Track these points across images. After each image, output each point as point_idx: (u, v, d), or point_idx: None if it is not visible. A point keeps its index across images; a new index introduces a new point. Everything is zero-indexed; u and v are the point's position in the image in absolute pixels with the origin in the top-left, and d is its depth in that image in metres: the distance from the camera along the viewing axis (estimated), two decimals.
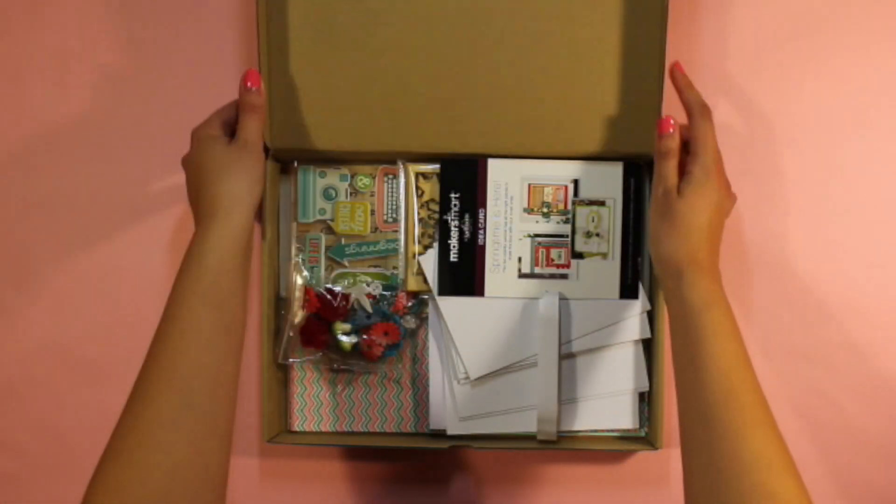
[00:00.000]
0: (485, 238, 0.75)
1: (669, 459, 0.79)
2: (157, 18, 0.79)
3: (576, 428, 0.76)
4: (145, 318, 0.79)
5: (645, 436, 0.77)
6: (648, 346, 0.76)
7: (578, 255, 0.75)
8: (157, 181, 0.80)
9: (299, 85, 0.73)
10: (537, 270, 0.75)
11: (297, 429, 0.78)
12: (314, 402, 0.78)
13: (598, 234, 0.75)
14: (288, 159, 0.77)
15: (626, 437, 0.77)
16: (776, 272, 0.79)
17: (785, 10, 0.78)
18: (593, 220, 0.75)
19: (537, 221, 0.76)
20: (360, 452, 0.79)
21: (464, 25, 0.72)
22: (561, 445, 0.75)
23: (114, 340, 0.80)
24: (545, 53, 0.72)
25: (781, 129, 0.79)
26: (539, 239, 0.76)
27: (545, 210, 0.75)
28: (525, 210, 0.75)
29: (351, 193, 0.77)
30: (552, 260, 0.75)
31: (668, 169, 0.66)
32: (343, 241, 0.77)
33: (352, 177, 0.77)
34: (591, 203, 0.75)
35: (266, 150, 0.74)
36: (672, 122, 0.66)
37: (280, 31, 0.72)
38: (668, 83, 0.70)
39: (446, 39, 0.72)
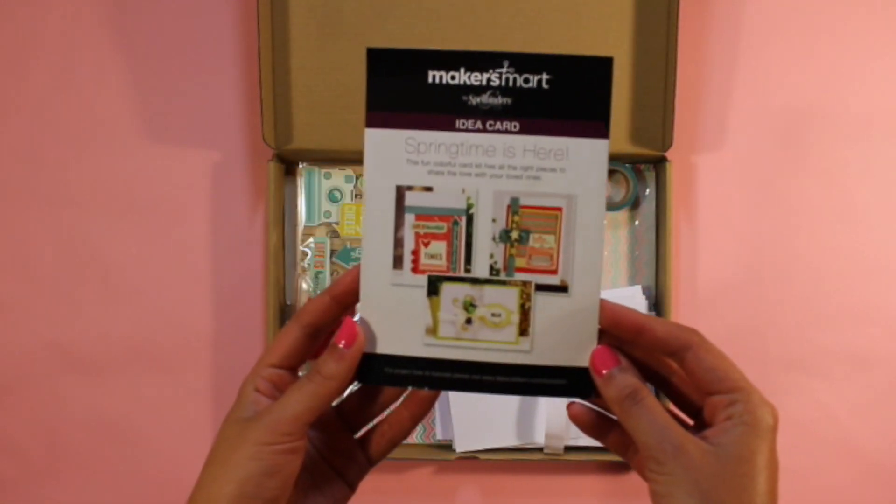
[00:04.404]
0: None
1: None
2: (158, 13, 0.77)
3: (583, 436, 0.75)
4: (145, 319, 0.76)
5: None
6: None
7: None
8: (160, 179, 0.77)
9: (302, 82, 0.70)
10: None
11: None
12: None
13: None
14: (292, 160, 0.74)
15: None
16: (774, 279, 0.78)
17: (793, 10, 0.78)
18: None
19: None
20: None
21: (470, 21, 0.70)
22: (568, 457, 0.73)
23: (114, 340, 0.77)
24: (552, 49, 0.71)
25: (783, 131, 0.78)
26: None
27: None
28: None
29: (356, 195, 0.75)
30: None
31: (653, 416, 0.40)
32: (349, 245, 0.74)
33: (357, 178, 0.75)
34: None
35: (281, 160, 0.71)
36: (611, 353, 0.41)
37: (282, 27, 0.70)
38: (677, 81, 0.69)
39: (452, 35, 0.71)
